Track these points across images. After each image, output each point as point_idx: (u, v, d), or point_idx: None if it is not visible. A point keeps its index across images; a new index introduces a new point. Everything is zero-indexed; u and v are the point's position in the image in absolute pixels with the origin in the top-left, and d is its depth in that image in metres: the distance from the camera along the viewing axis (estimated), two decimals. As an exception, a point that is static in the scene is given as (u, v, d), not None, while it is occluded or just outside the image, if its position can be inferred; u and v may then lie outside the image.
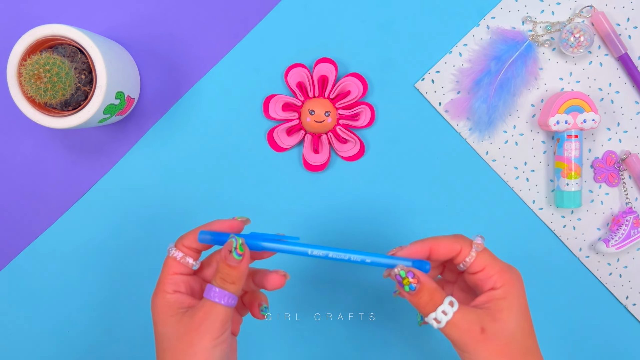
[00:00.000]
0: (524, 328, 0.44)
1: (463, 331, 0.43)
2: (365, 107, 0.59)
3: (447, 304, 0.43)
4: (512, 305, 0.44)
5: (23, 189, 0.61)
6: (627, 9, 0.59)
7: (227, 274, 0.42)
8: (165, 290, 0.44)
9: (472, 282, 0.46)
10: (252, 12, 0.60)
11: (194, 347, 0.41)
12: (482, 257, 0.45)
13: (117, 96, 0.54)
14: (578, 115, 0.57)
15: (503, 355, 0.43)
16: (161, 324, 0.43)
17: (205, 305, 0.42)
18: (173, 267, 0.44)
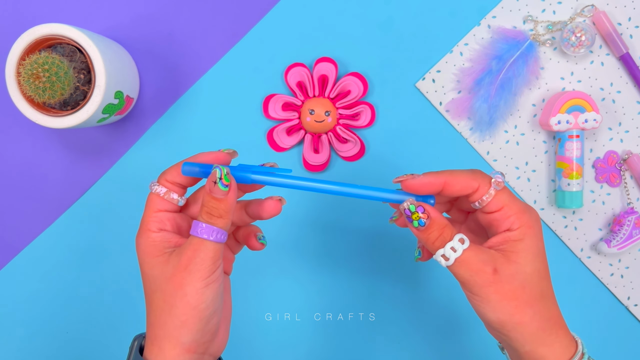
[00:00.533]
0: (540, 271, 0.42)
1: (473, 270, 0.40)
2: (365, 106, 0.59)
3: (457, 240, 0.41)
4: (530, 247, 0.41)
5: (22, 188, 0.61)
6: (628, 8, 0.59)
7: (214, 207, 0.40)
8: (150, 229, 0.41)
9: (487, 222, 0.43)
10: (251, 11, 0.60)
11: (184, 288, 0.39)
12: (500, 196, 0.42)
13: (116, 96, 0.54)
14: (579, 115, 0.57)
15: (516, 299, 0.41)
16: (147, 265, 0.41)
17: (192, 243, 0.40)
18: (157, 204, 0.42)
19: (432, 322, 0.62)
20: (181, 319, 0.40)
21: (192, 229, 0.40)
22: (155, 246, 0.41)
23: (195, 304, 0.39)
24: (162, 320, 0.40)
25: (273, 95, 0.59)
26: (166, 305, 0.40)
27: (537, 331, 0.41)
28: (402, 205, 0.42)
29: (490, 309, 0.41)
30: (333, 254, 0.61)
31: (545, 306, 0.42)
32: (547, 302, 0.42)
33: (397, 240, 0.61)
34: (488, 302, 0.41)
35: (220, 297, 0.41)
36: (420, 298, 0.61)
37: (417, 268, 0.62)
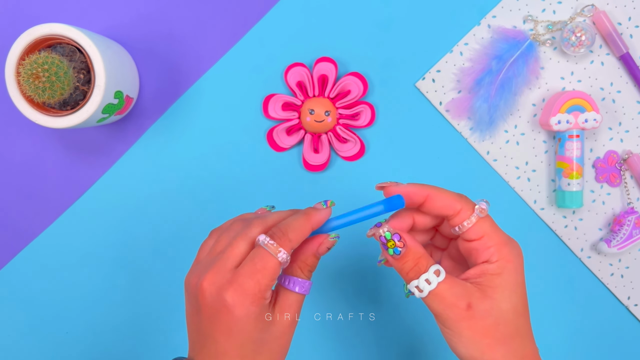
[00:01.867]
0: (517, 308, 0.40)
1: (447, 304, 0.39)
2: (365, 106, 0.59)
3: (432, 272, 0.40)
4: (508, 282, 0.40)
5: (21, 188, 0.61)
6: (628, 8, 0.59)
7: (313, 264, 0.42)
8: (264, 297, 0.39)
9: (466, 250, 0.42)
10: (251, 11, 0.60)
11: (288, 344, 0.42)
12: (482, 225, 0.41)
13: (116, 96, 0.54)
14: (579, 115, 0.57)
15: (489, 336, 0.39)
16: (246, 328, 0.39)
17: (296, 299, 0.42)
18: (274, 272, 0.39)
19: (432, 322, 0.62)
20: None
21: (290, 284, 0.42)
22: (262, 310, 0.40)
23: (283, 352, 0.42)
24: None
25: (273, 95, 0.59)
26: (251, 353, 0.40)
27: None
28: (378, 232, 0.41)
29: (462, 344, 0.40)
30: (333, 253, 0.61)
31: (520, 345, 0.41)
32: (522, 340, 0.41)
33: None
34: (460, 337, 0.40)
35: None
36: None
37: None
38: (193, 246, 0.61)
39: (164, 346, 0.62)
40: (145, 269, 0.62)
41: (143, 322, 0.62)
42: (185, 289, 0.42)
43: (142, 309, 0.62)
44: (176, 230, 0.61)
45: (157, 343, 0.62)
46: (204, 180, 0.61)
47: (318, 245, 0.42)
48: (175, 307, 0.62)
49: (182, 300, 0.62)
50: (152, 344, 0.62)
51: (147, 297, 0.62)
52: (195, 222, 0.61)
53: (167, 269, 0.62)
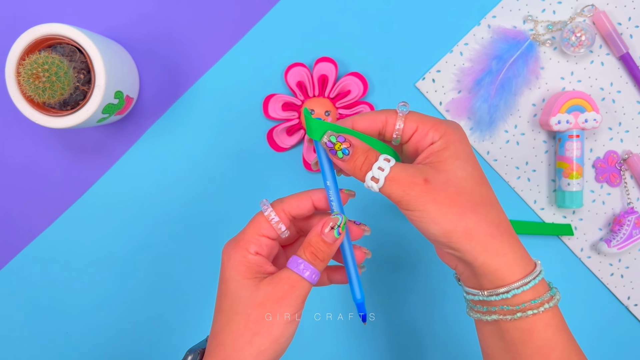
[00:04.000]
0: (474, 176, 0.40)
1: (404, 185, 0.39)
2: (365, 106, 0.59)
3: (382, 160, 0.40)
4: (456, 152, 0.40)
5: (22, 188, 0.61)
6: (628, 8, 0.59)
7: (321, 250, 0.40)
8: (248, 249, 0.41)
9: (413, 150, 0.42)
10: (251, 11, 0.60)
11: (272, 320, 0.40)
12: (411, 119, 0.42)
13: (116, 96, 0.54)
14: (579, 115, 0.57)
15: (455, 205, 0.39)
16: (235, 284, 0.40)
17: (290, 278, 0.40)
18: (263, 228, 0.41)
19: (432, 321, 0.62)
20: (260, 348, 0.40)
21: (292, 263, 0.40)
22: (250, 267, 0.41)
23: (278, 336, 0.40)
24: (239, 345, 0.40)
25: (273, 95, 0.59)
26: (247, 331, 0.40)
27: (486, 238, 0.39)
28: (322, 140, 0.41)
29: (430, 220, 0.39)
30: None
31: (490, 212, 0.40)
32: (491, 208, 0.41)
33: (398, 239, 0.61)
34: (428, 214, 0.39)
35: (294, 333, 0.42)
36: (421, 298, 0.61)
37: (417, 268, 0.62)
38: (193, 246, 0.61)
39: (163, 346, 0.62)
40: (146, 268, 0.62)
41: (143, 322, 0.62)
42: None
43: (142, 309, 0.62)
44: (176, 230, 0.61)
45: (156, 343, 0.62)
46: (204, 181, 0.61)
47: (322, 225, 0.41)
48: (175, 307, 0.62)
49: (182, 299, 0.62)
50: (151, 344, 0.62)
51: (147, 297, 0.62)
52: (196, 222, 0.61)
53: (167, 269, 0.62)
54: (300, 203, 0.42)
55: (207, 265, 0.61)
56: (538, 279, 0.41)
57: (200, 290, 0.61)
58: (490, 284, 0.40)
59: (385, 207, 0.61)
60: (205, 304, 0.62)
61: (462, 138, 0.41)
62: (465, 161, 0.41)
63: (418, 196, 0.39)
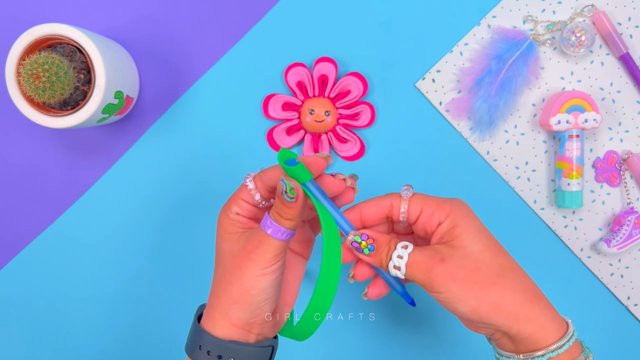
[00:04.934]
0: (489, 247, 0.41)
1: (424, 268, 0.40)
2: (365, 106, 0.59)
3: (400, 248, 0.42)
4: (467, 228, 0.41)
5: (22, 188, 0.61)
6: (628, 8, 0.59)
7: (282, 210, 0.41)
8: (230, 209, 0.44)
9: (421, 231, 0.44)
10: (251, 11, 0.60)
11: (242, 271, 0.41)
12: (415, 201, 0.43)
13: (116, 96, 0.54)
14: (579, 115, 0.57)
15: (476, 281, 0.39)
16: (219, 238, 0.44)
17: (259, 234, 0.41)
18: (243, 194, 0.44)
19: (432, 322, 0.62)
20: (233, 297, 0.42)
21: (262, 221, 0.42)
22: (231, 224, 0.43)
23: (248, 288, 0.41)
24: (218, 293, 0.43)
25: (273, 95, 0.59)
26: (224, 280, 0.42)
27: (515, 307, 0.40)
28: (347, 241, 0.43)
29: (456, 299, 0.40)
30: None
31: (514, 279, 0.40)
32: (513, 275, 0.41)
33: (397, 240, 0.61)
34: (452, 293, 0.40)
35: (276, 288, 0.43)
36: (420, 298, 0.61)
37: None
38: (193, 246, 0.61)
39: (164, 346, 0.62)
40: (146, 268, 0.62)
41: (144, 321, 0.62)
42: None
43: (143, 309, 0.62)
44: (176, 230, 0.61)
45: (157, 343, 0.62)
46: (204, 180, 0.61)
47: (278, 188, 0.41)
48: (175, 308, 0.62)
49: (182, 300, 0.62)
50: (151, 344, 0.62)
51: (147, 297, 0.62)
52: (196, 222, 0.61)
53: (167, 269, 0.62)
54: (274, 173, 0.43)
55: (207, 265, 0.61)
56: (572, 340, 0.41)
57: (202, 290, 0.61)
58: (526, 348, 0.41)
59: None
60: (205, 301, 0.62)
61: (468, 213, 0.42)
62: (478, 234, 0.41)
63: (439, 277, 0.40)
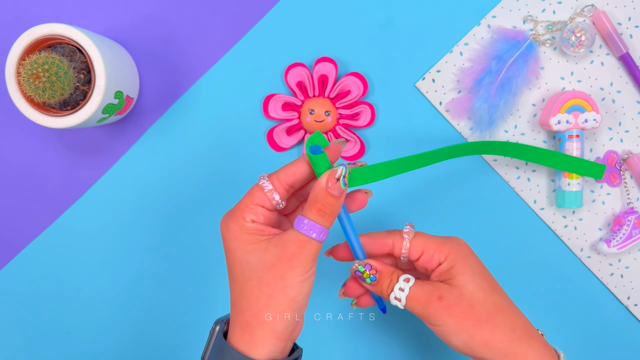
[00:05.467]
0: (483, 286, 0.44)
1: (423, 302, 0.43)
2: (365, 106, 0.59)
3: (402, 280, 0.44)
4: (463, 268, 0.44)
5: (22, 188, 0.61)
6: (628, 8, 0.59)
7: (328, 204, 0.40)
8: (244, 218, 0.41)
9: (422, 269, 0.46)
10: (251, 11, 0.60)
11: (285, 280, 0.40)
12: (417, 242, 0.45)
13: (116, 96, 0.54)
14: (579, 115, 0.57)
15: (470, 318, 0.43)
16: (241, 251, 0.41)
17: (298, 239, 0.40)
18: (258, 198, 0.42)
19: (432, 322, 0.62)
20: (279, 309, 0.41)
21: (298, 224, 0.41)
22: (250, 234, 0.41)
23: (294, 295, 0.41)
24: (257, 308, 0.41)
25: (273, 95, 0.59)
26: (262, 294, 0.41)
27: (504, 344, 0.43)
28: (351, 269, 0.45)
29: (450, 333, 0.43)
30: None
31: (505, 318, 0.43)
32: (505, 314, 0.44)
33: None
34: (447, 327, 0.43)
35: (311, 290, 0.43)
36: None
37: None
38: (193, 246, 0.61)
39: (164, 346, 0.62)
40: (146, 268, 0.62)
41: (144, 321, 0.62)
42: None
43: (142, 309, 0.62)
44: (176, 230, 0.61)
45: (157, 343, 0.62)
46: (204, 181, 0.61)
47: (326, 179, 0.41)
48: (175, 308, 0.62)
49: (182, 300, 0.62)
50: (152, 344, 0.62)
51: (147, 297, 0.62)
52: (196, 222, 0.61)
53: (167, 269, 0.62)
54: (294, 169, 0.42)
55: (207, 265, 0.61)
56: None
57: (202, 289, 0.61)
58: None
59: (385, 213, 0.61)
60: (207, 304, 0.62)
61: (465, 254, 0.45)
62: (473, 274, 0.44)
63: (436, 312, 0.43)
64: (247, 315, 0.41)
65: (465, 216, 0.61)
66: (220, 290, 0.61)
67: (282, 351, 0.42)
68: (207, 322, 0.61)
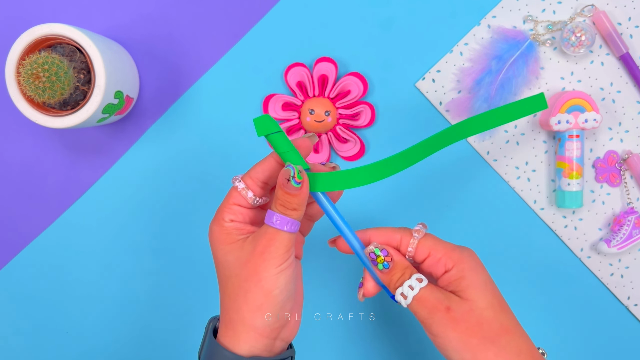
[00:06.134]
0: (494, 305, 0.42)
1: (430, 308, 0.41)
2: (365, 106, 0.59)
3: (414, 279, 0.42)
4: (474, 282, 0.42)
5: (22, 188, 0.61)
6: (628, 8, 0.59)
7: (287, 201, 0.41)
8: (223, 218, 0.43)
9: (427, 272, 0.45)
10: (251, 11, 0.60)
11: (260, 274, 0.41)
12: (424, 243, 0.44)
13: (116, 96, 0.54)
14: (579, 115, 0.57)
15: (476, 336, 0.41)
16: (221, 251, 0.42)
17: (267, 232, 0.41)
18: (234, 198, 0.43)
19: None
20: (256, 303, 0.41)
21: (267, 218, 0.41)
22: (229, 234, 0.42)
23: (270, 289, 0.41)
24: (237, 305, 0.42)
25: (273, 95, 0.59)
26: (241, 290, 0.41)
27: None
28: (367, 249, 0.44)
29: (452, 348, 0.41)
30: (333, 253, 0.61)
31: (511, 341, 0.41)
32: (511, 336, 0.41)
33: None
34: (449, 341, 0.41)
35: (293, 283, 0.42)
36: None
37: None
38: (193, 246, 0.61)
39: (163, 345, 0.62)
40: (146, 268, 0.62)
41: (143, 321, 0.62)
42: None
43: (142, 309, 0.62)
44: (176, 230, 0.61)
45: (157, 343, 0.62)
46: (204, 180, 0.61)
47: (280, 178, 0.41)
48: (175, 308, 0.62)
49: (182, 299, 0.62)
50: (152, 344, 0.62)
51: (147, 297, 0.62)
52: (196, 222, 0.61)
53: (167, 269, 0.62)
54: (264, 166, 0.43)
55: (206, 264, 0.61)
56: None
57: (203, 289, 0.61)
58: None
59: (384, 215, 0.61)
60: (206, 303, 0.62)
61: (476, 266, 0.43)
62: (484, 290, 0.42)
63: (441, 323, 0.41)
64: (230, 312, 0.42)
65: (465, 216, 0.61)
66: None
67: (267, 349, 0.42)
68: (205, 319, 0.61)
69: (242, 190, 0.43)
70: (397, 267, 0.43)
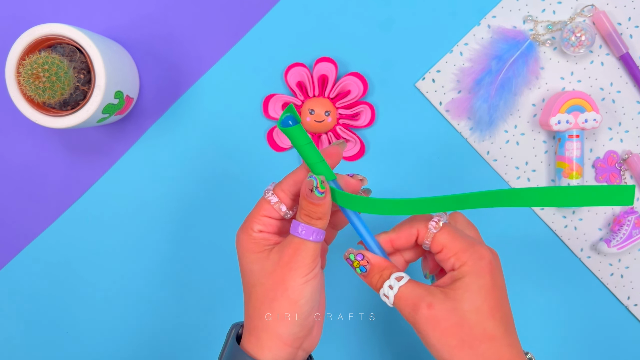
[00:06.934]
0: (480, 310, 0.40)
1: (411, 306, 0.41)
2: (365, 106, 0.59)
3: (393, 278, 0.42)
4: (470, 284, 0.41)
5: (22, 189, 0.61)
6: (628, 8, 0.59)
7: (312, 211, 0.41)
8: (252, 228, 0.43)
9: (440, 263, 0.44)
10: (251, 11, 0.60)
11: (285, 284, 0.41)
12: (440, 238, 0.43)
13: (116, 96, 0.54)
14: (579, 115, 0.57)
15: (454, 337, 0.40)
16: (246, 260, 0.43)
17: (293, 242, 0.41)
18: (265, 210, 0.43)
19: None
20: (282, 312, 0.41)
21: (292, 228, 0.41)
22: (256, 243, 0.43)
23: (296, 298, 0.41)
24: (262, 313, 0.42)
25: (273, 95, 0.59)
26: (266, 298, 0.42)
27: None
28: (344, 255, 0.44)
29: (432, 346, 0.41)
30: (333, 254, 0.61)
31: (489, 349, 0.40)
32: (493, 343, 0.40)
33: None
34: (429, 339, 0.41)
35: (319, 293, 0.43)
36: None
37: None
38: (193, 246, 0.61)
39: (163, 346, 0.62)
40: (146, 268, 0.62)
41: (143, 321, 0.62)
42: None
43: (142, 310, 0.62)
44: (176, 230, 0.61)
45: (156, 343, 0.62)
46: (204, 181, 0.61)
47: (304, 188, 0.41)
48: (175, 308, 0.62)
49: (183, 299, 0.62)
50: (152, 344, 0.62)
51: (147, 297, 0.62)
52: (196, 222, 0.61)
53: (167, 269, 0.62)
54: (296, 178, 0.43)
55: (207, 264, 0.61)
56: None
57: (204, 289, 0.61)
58: None
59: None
60: (207, 303, 0.62)
61: (480, 270, 0.42)
62: (476, 294, 0.41)
63: (422, 320, 0.41)
64: (255, 320, 0.42)
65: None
66: (222, 288, 0.61)
67: (290, 357, 0.42)
68: (207, 321, 0.61)
69: (275, 204, 0.43)
70: (375, 269, 0.43)
